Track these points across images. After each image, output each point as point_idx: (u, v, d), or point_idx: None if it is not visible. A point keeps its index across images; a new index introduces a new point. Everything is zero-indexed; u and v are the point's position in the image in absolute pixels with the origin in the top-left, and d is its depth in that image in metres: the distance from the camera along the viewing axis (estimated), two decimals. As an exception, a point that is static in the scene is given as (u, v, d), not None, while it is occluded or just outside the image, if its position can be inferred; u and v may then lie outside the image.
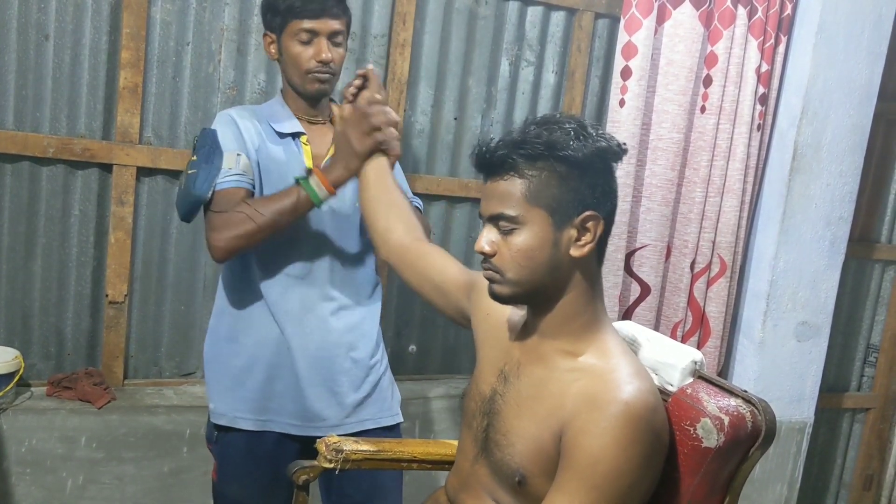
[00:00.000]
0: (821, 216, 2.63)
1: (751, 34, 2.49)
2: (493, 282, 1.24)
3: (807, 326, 2.70)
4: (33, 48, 2.11)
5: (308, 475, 1.53)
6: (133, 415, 2.21)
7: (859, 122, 2.60)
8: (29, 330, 2.24)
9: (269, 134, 1.73)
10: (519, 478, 1.21)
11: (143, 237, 2.28)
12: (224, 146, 1.68)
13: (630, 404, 1.12)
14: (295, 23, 1.67)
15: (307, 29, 1.67)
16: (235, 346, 1.75)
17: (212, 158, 1.66)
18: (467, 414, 1.37)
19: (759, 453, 1.22)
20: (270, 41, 1.74)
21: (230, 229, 1.60)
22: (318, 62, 1.68)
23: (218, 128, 1.71)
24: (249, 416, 1.73)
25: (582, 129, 1.19)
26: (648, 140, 2.51)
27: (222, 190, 1.64)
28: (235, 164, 1.66)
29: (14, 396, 2.15)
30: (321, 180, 1.60)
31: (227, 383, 1.75)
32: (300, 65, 1.69)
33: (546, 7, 2.56)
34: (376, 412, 1.81)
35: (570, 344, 1.24)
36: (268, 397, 1.73)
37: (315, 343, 1.73)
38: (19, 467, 2.12)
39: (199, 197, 1.63)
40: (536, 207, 1.19)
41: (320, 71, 1.69)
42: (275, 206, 1.60)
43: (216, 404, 1.76)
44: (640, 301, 2.58)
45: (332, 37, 1.69)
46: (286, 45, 1.70)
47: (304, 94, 1.74)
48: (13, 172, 2.14)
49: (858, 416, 3.28)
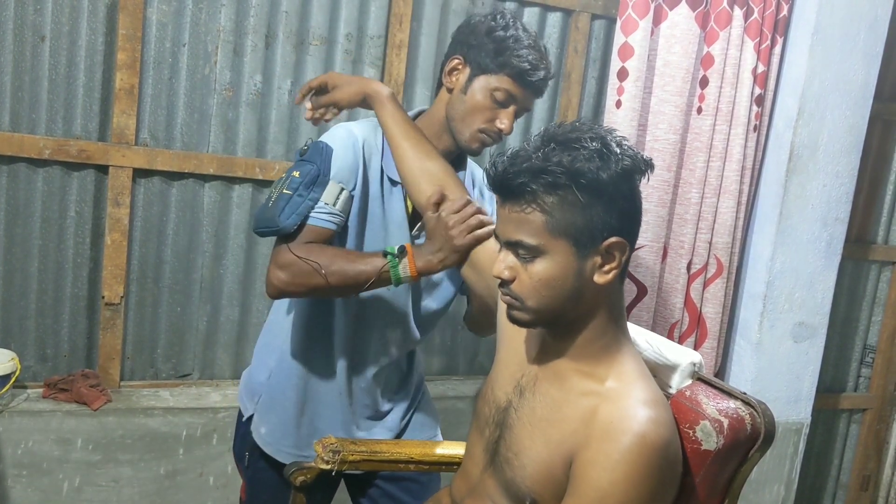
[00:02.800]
0: (817, 217, 2.63)
1: (747, 35, 2.49)
2: (513, 308, 1.20)
3: (803, 327, 2.70)
4: (29, 49, 2.10)
5: (305, 476, 1.53)
6: (129, 417, 2.21)
7: (855, 123, 2.61)
8: (25, 332, 2.23)
9: (381, 173, 1.59)
10: (530, 501, 1.18)
11: (140, 239, 2.28)
12: (334, 172, 1.52)
13: (645, 437, 1.08)
14: (504, 79, 1.52)
15: (511, 93, 1.53)
16: (294, 380, 1.66)
17: (314, 185, 1.50)
18: (480, 419, 1.34)
19: (758, 455, 1.22)
20: (459, 69, 1.57)
21: (296, 276, 1.47)
22: (497, 128, 1.55)
23: (336, 147, 1.54)
24: (292, 450, 1.66)
25: (605, 146, 1.11)
26: (645, 141, 2.51)
27: (310, 226, 1.50)
28: (335, 201, 1.51)
29: (10, 398, 2.14)
30: (410, 263, 1.45)
31: (280, 414, 1.67)
32: (477, 119, 1.54)
33: (542, 8, 2.56)
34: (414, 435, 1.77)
35: (587, 365, 1.20)
36: (311, 434, 1.67)
37: (366, 386, 1.68)
38: (15, 470, 2.12)
39: (284, 229, 1.49)
40: (559, 237, 1.13)
41: (493, 136, 1.56)
42: (351, 272, 1.46)
43: (268, 430, 1.67)
44: (637, 302, 2.58)
45: (522, 111, 1.58)
46: (478, 89, 1.54)
47: (459, 144, 1.59)
48: (9, 174, 2.14)
49: (855, 416, 3.29)
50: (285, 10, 2.28)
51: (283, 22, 2.29)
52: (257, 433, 1.68)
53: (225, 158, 2.29)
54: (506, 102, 1.54)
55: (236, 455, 1.78)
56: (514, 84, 1.52)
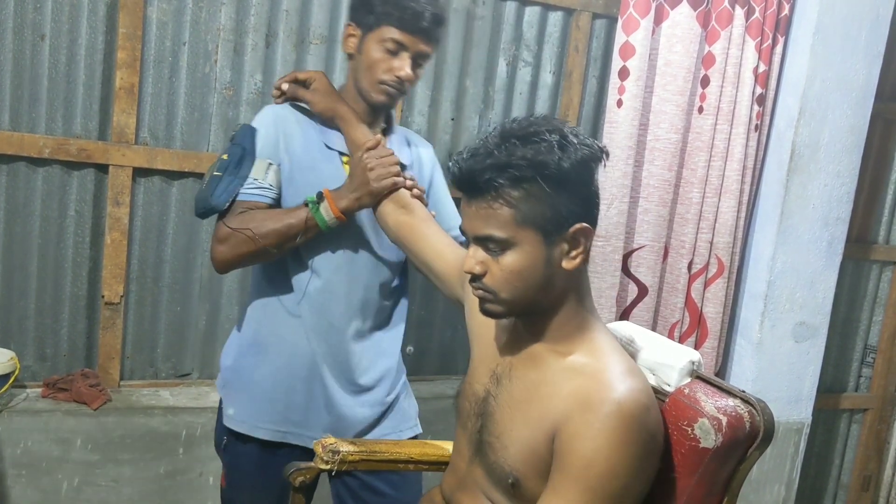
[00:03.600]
0: (818, 217, 2.63)
1: (748, 35, 2.49)
2: (486, 301, 1.23)
3: (804, 327, 2.70)
4: (29, 48, 2.10)
5: (304, 477, 1.52)
6: (129, 416, 2.20)
7: (856, 122, 2.60)
8: (24, 331, 2.23)
9: (316, 143, 1.67)
10: (512, 480, 1.21)
11: (140, 238, 2.28)
12: (259, 149, 1.62)
13: (623, 404, 1.12)
14: (388, 29, 1.59)
15: (398, 41, 1.60)
16: (262, 357, 1.70)
17: (241, 164, 1.60)
18: (462, 414, 1.36)
19: (757, 454, 1.22)
20: (352, 34, 1.66)
21: (232, 247, 1.57)
22: (395, 77, 1.61)
23: (259, 127, 1.64)
24: (269, 426, 1.69)
25: (564, 138, 1.15)
26: (646, 140, 2.51)
27: (241, 202, 1.59)
28: (263, 176, 1.60)
29: (9, 398, 2.14)
30: (331, 205, 1.55)
31: (249, 392, 1.70)
32: (377, 72, 1.62)
33: (543, 7, 2.56)
34: (396, 424, 1.78)
35: (561, 345, 1.23)
36: (289, 409, 1.69)
37: (339, 360, 1.70)
38: (14, 469, 2.12)
39: (216, 207, 1.58)
40: (527, 228, 1.16)
41: (394, 85, 1.62)
42: (279, 228, 1.56)
43: (236, 410, 1.70)
44: (638, 302, 2.58)
45: (417, 57, 1.63)
46: (369, 47, 1.62)
47: (368, 101, 1.66)
48: (9, 173, 2.14)
49: (856, 416, 3.28)
50: (286, 8, 2.28)
51: (283, 21, 2.29)
52: (227, 416, 1.72)
53: (225, 157, 2.29)
54: (396, 51, 1.61)
55: (216, 443, 1.80)
56: (399, 32, 1.60)
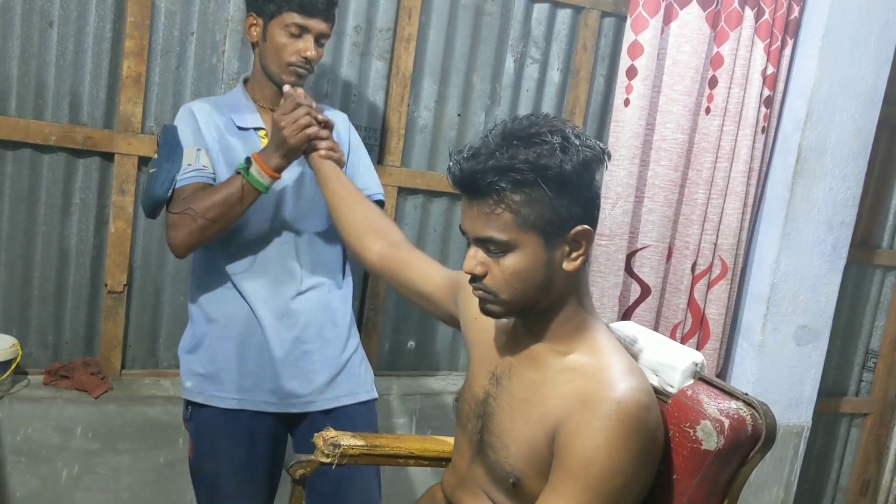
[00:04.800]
0: (823, 220, 2.62)
1: (757, 36, 2.48)
2: (486, 301, 1.22)
3: (806, 330, 2.69)
4: (37, 35, 2.10)
5: (305, 470, 1.52)
6: (130, 405, 2.21)
7: (864, 126, 2.60)
8: (27, 318, 2.23)
9: (229, 126, 1.76)
10: (513, 479, 1.21)
11: (144, 227, 2.27)
12: (184, 142, 1.70)
13: (622, 403, 1.12)
14: (289, 15, 1.68)
15: (299, 24, 1.69)
16: (209, 327, 1.77)
17: (172, 156, 1.69)
18: (462, 416, 1.36)
19: (758, 457, 1.22)
20: (254, 24, 1.74)
21: (181, 228, 1.64)
22: (302, 58, 1.70)
23: (178, 123, 1.74)
24: (224, 394, 1.75)
25: (566, 140, 1.14)
26: (652, 140, 2.51)
27: (181, 187, 1.66)
28: (195, 160, 1.68)
29: (10, 384, 2.14)
30: (262, 167, 1.62)
31: (201, 362, 1.77)
32: (283, 56, 1.71)
33: (552, 4, 2.55)
34: (351, 388, 1.83)
35: (561, 344, 1.23)
36: (242, 376, 1.75)
37: (285, 322, 1.75)
38: (14, 456, 2.12)
39: (159, 197, 1.67)
40: (528, 231, 1.15)
41: (301, 66, 1.71)
42: (218, 200, 1.62)
43: (192, 383, 1.77)
44: (640, 302, 2.58)
45: (319, 37, 1.72)
46: (273, 33, 1.71)
47: (278, 84, 1.74)
48: (14, 159, 2.13)
49: (856, 420, 3.28)
50: (294, 1, 2.28)
51: (291, 13, 2.28)
52: (185, 389, 1.79)
53: (230, 149, 2.29)
54: (300, 34, 1.70)
55: (183, 414, 1.84)
56: (299, 16, 1.68)
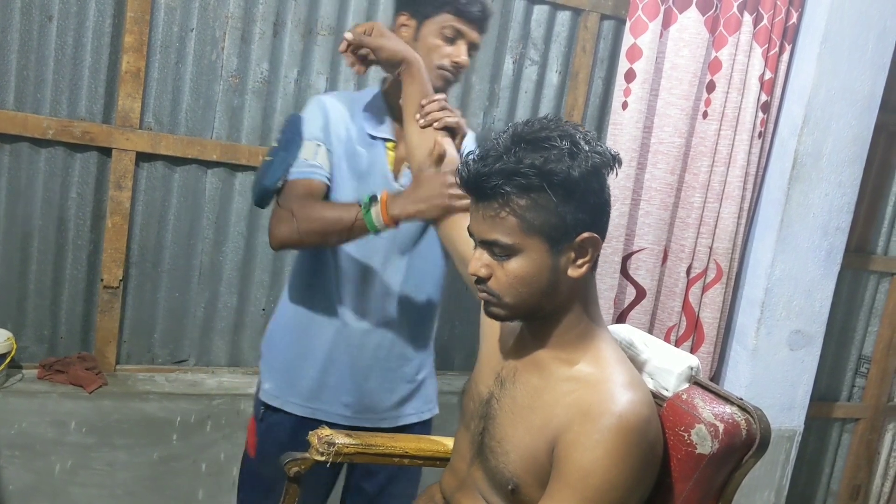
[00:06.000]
0: (818, 226, 2.63)
1: (755, 41, 2.49)
2: (490, 304, 1.23)
3: (800, 335, 2.70)
4: (36, 29, 2.09)
5: (299, 467, 1.53)
6: (125, 401, 2.21)
7: (860, 132, 2.61)
8: (23, 312, 2.23)
9: (359, 131, 1.70)
10: (512, 486, 1.21)
11: (141, 222, 2.27)
12: (306, 133, 1.66)
13: (623, 417, 1.11)
14: (447, 17, 1.64)
15: (456, 28, 1.64)
16: (297, 334, 1.75)
17: (290, 146, 1.64)
18: (466, 414, 1.36)
19: (752, 461, 1.22)
20: (406, 24, 1.67)
21: (283, 225, 1.59)
22: (453, 63, 1.65)
23: (305, 114, 1.69)
24: (299, 401, 1.75)
25: (575, 145, 1.13)
26: (649, 143, 2.51)
27: (293, 181, 1.62)
28: (313, 155, 1.64)
29: (5, 378, 2.14)
30: (383, 212, 1.53)
31: (283, 366, 1.76)
32: (433, 58, 1.64)
33: (552, 6, 2.55)
34: (419, 406, 1.84)
35: (565, 352, 1.23)
36: (321, 387, 1.74)
37: (374, 339, 1.74)
38: (9, 450, 2.12)
39: (269, 186, 1.62)
40: (533, 236, 1.15)
41: (451, 70, 1.66)
42: (329, 218, 1.57)
43: (270, 385, 1.77)
44: (635, 304, 2.58)
45: (470, 46, 1.67)
46: (425, 34, 1.65)
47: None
48: (11, 153, 2.13)
49: (848, 426, 3.29)
50: (294, -2, 2.28)
51: (291, 10, 2.28)
52: (263, 389, 1.78)
53: (228, 145, 2.29)
54: (454, 38, 1.65)
55: (255, 412, 1.83)
56: (457, 19, 1.64)
